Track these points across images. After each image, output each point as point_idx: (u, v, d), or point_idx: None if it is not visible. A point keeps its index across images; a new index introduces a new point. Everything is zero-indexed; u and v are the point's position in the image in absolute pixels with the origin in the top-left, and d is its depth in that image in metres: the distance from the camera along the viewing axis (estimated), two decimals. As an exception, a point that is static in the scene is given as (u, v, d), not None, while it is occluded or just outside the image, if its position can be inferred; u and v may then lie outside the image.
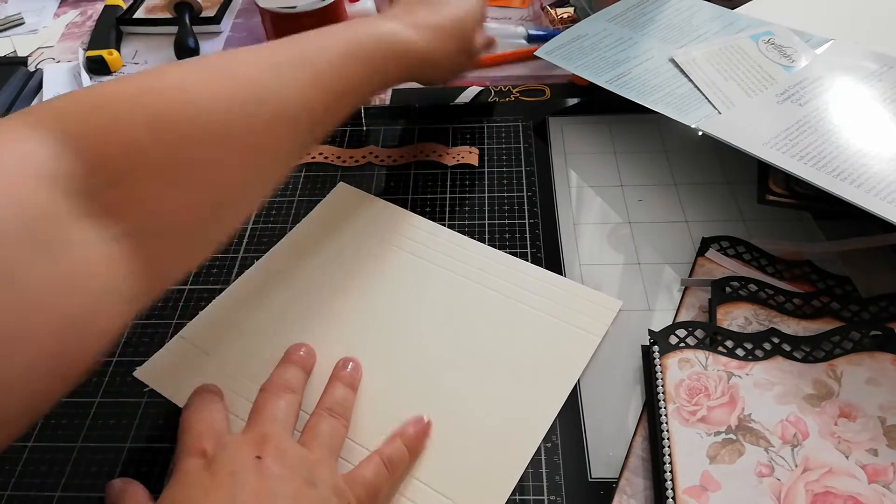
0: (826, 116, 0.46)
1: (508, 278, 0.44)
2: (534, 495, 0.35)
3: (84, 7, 0.80)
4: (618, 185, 0.52)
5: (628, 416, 0.38)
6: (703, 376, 0.37)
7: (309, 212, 0.51)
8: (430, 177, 0.53)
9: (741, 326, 0.40)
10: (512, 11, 0.74)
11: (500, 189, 0.52)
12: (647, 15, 0.60)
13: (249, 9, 0.78)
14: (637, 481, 0.35)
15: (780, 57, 0.52)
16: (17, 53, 0.73)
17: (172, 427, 0.39)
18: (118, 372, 0.42)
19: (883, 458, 0.34)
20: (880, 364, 0.37)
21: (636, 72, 0.54)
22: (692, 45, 0.55)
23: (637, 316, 0.43)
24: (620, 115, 0.57)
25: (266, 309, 0.44)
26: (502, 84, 0.63)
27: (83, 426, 0.39)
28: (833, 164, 0.42)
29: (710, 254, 0.46)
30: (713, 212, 0.49)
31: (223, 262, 0.48)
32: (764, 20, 0.57)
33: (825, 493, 0.33)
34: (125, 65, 0.70)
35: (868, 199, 0.39)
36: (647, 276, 0.45)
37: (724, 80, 0.51)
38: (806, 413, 0.36)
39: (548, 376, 0.39)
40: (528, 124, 0.58)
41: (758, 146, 0.44)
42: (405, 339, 0.42)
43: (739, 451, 0.34)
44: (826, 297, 0.41)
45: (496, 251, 0.47)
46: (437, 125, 0.58)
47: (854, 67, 0.50)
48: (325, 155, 0.56)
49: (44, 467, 0.37)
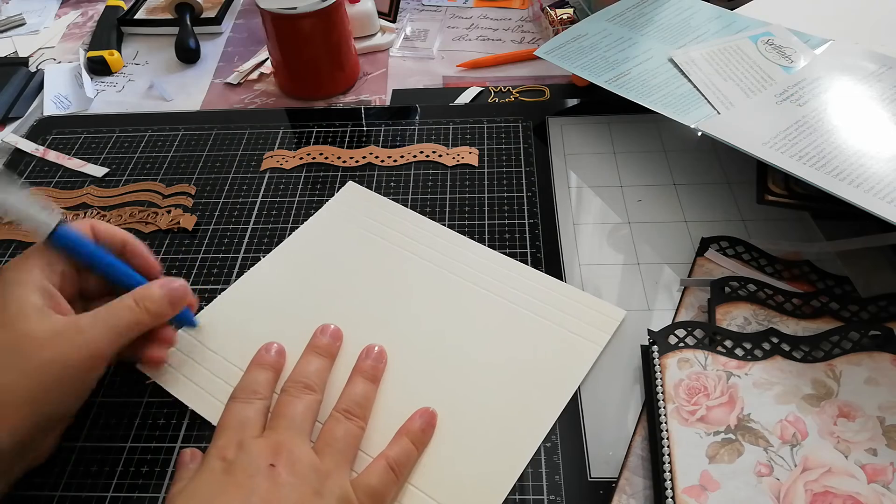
0: (825, 116, 0.46)
1: (513, 284, 0.44)
2: (533, 495, 0.35)
3: (85, 8, 0.81)
4: (617, 185, 0.52)
5: (628, 416, 0.38)
6: (703, 376, 0.38)
7: (310, 211, 0.51)
8: (430, 177, 0.53)
9: (740, 326, 0.41)
10: (512, 12, 0.74)
11: (499, 189, 0.52)
12: (647, 15, 0.60)
13: (250, 9, 0.78)
14: (636, 481, 0.35)
15: (780, 57, 0.53)
16: (18, 54, 0.73)
17: (172, 427, 0.39)
18: (118, 372, 0.42)
19: (882, 458, 0.34)
20: (879, 364, 0.37)
21: (635, 72, 0.54)
22: (691, 46, 0.55)
23: (636, 316, 0.43)
24: (620, 116, 0.58)
25: (269, 306, 0.44)
26: (502, 84, 0.63)
27: (83, 426, 0.39)
28: (832, 164, 0.42)
29: (709, 254, 0.46)
30: (712, 212, 0.49)
31: (223, 262, 0.48)
32: (763, 20, 0.57)
33: (824, 493, 0.33)
34: (126, 65, 0.70)
35: (867, 199, 0.39)
36: (646, 276, 0.45)
37: (723, 80, 0.51)
38: (805, 413, 0.36)
39: (548, 384, 0.39)
40: (528, 124, 0.58)
41: (757, 146, 0.44)
42: (406, 341, 0.42)
43: (739, 450, 0.34)
44: (825, 296, 0.41)
45: (500, 255, 0.46)
46: (437, 125, 0.58)
47: (853, 67, 0.50)
48: (325, 155, 0.56)
49: (44, 467, 0.37)
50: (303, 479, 0.32)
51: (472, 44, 0.70)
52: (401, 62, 0.68)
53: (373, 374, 0.39)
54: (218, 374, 0.40)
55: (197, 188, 0.54)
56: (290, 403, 0.36)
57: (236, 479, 0.31)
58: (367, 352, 0.40)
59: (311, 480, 0.32)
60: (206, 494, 0.31)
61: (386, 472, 0.34)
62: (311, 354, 0.40)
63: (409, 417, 0.37)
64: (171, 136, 0.59)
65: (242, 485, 0.31)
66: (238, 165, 0.56)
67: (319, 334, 0.41)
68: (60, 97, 0.65)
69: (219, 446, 0.33)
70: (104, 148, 0.58)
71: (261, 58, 0.69)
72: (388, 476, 0.34)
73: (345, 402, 0.37)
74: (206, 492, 0.31)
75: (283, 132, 0.59)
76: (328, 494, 0.32)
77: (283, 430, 0.34)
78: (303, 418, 0.36)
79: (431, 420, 0.37)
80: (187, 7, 0.72)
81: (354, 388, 0.38)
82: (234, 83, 0.66)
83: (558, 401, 0.39)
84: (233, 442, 0.33)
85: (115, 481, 0.37)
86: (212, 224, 0.51)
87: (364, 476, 0.34)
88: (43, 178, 0.56)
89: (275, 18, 0.58)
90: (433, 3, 0.76)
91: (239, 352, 0.41)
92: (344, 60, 0.63)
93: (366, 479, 0.34)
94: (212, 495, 0.31)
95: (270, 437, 0.34)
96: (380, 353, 0.40)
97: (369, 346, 0.41)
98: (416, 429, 0.37)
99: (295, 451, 0.33)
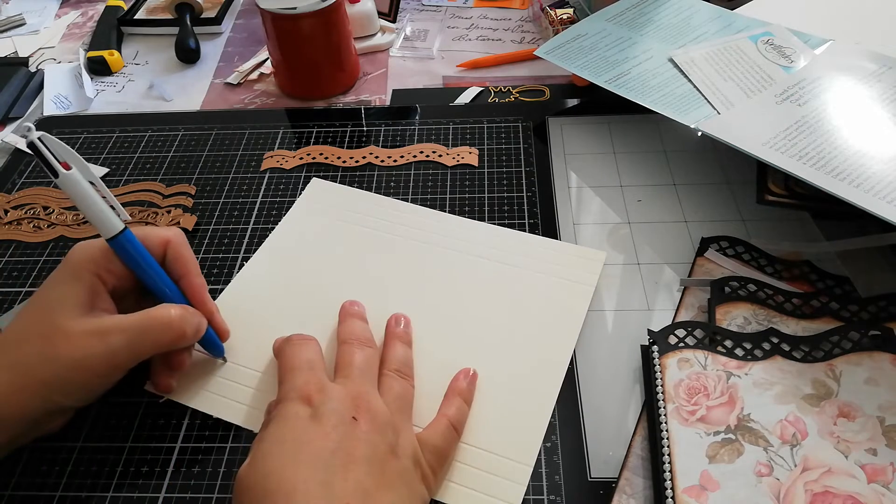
0: (825, 117, 0.46)
1: (496, 245, 0.47)
2: (533, 495, 0.35)
3: (85, 8, 0.81)
4: (617, 185, 0.52)
5: (628, 416, 0.38)
6: (703, 376, 0.38)
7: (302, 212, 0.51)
8: (430, 177, 0.53)
9: (740, 326, 0.41)
10: (512, 12, 0.74)
11: (500, 189, 0.52)
12: (647, 15, 0.60)
13: (250, 9, 0.78)
14: (636, 481, 0.35)
15: (779, 57, 0.53)
16: (18, 54, 0.73)
17: (172, 427, 0.39)
18: (118, 372, 0.42)
19: (882, 458, 0.34)
20: (879, 364, 0.37)
21: (635, 72, 0.54)
22: (691, 46, 0.55)
23: (636, 316, 0.43)
24: (620, 116, 0.58)
25: (262, 311, 0.44)
26: (502, 84, 0.63)
27: (83, 426, 0.39)
28: (832, 164, 0.42)
29: (709, 254, 0.46)
30: (712, 212, 0.49)
31: (224, 262, 0.48)
32: (763, 20, 0.57)
33: (824, 493, 0.33)
34: (126, 65, 0.70)
35: (867, 199, 0.39)
36: (646, 276, 0.45)
37: (723, 80, 0.51)
38: (805, 413, 0.36)
39: (554, 327, 0.42)
40: (528, 124, 0.58)
41: (757, 146, 0.44)
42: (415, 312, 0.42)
43: (738, 450, 0.34)
44: (825, 296, 0.41)
45: (476, 222, 0.49)
46: (437, 125, 0.58)
47: (853, 68, 0.50)
48: (325, 155, 0.56)
49: (44, 467, 0.37)
50: (381, 435, 0.32)
51: (472, 44, 0.70)
52: (401, 62, 0.68)
53: (407, 338, 0.41)
54: (232, 379, 0.40)
55: (197, 188, 0.54)
56: (355, 353, 0.37)
57: (323, 429, 0.31)
58: (396, 319, 0.41)
59: (388, 436, 0.32)
60: (293, 441, 0.31)
61: (448, 429, 0.35)
62: (349, 318, 0.41)
63: (453, 377, 0.39)
64: (171, 137, 0.59)
65: (328, 435, 0.31)
66: (238, 165, 0.56)
67: (348, 305, 0.42)
68: (60, 97, 0.65)
69: (297, 386, 0.34)
70: (104, 148, 0.58)
71: (261, 58, 0.69)
72: (451, 434, 0.35)
73: (394, 363, 0.38)
74: (294, 438, 0.31)
75: (283, 132, 0.59)
76: (402, 454, 0.32)
77: (358, 379, 0.35)
78: (370, 368, 0.36)
79: (474, 378, 0.39)
80: (187, 7, 0.72)
81: (396, 351, 0.39)
82: (234, 83, 0.66)
83: (568, 341, 0.41)
84: (312, 382, 0.34)
85: (115, 481, 0.37)
86: (212, 224, 0.51)
87: (428, 434, 0.35)
88: (43, 178, 0.56)
89: (275, 18, 0.58)
90: (433, 3, 0.76)
91: (245, 354, 0.41)
92: (344, 60, 0.63)
93: (430, 438, 0.35)
94: (299, 443, 0.31)
95: (348, 385, 0.34)
96: (406, 319, 0.42)
97: (396, 315, 0.42)
98: (464, 387, 0.38)
99: (373, 403, 0.33)
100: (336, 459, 0.30)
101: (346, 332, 0.39)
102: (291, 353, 0.36)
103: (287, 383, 0.34)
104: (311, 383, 0.34)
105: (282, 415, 0.32)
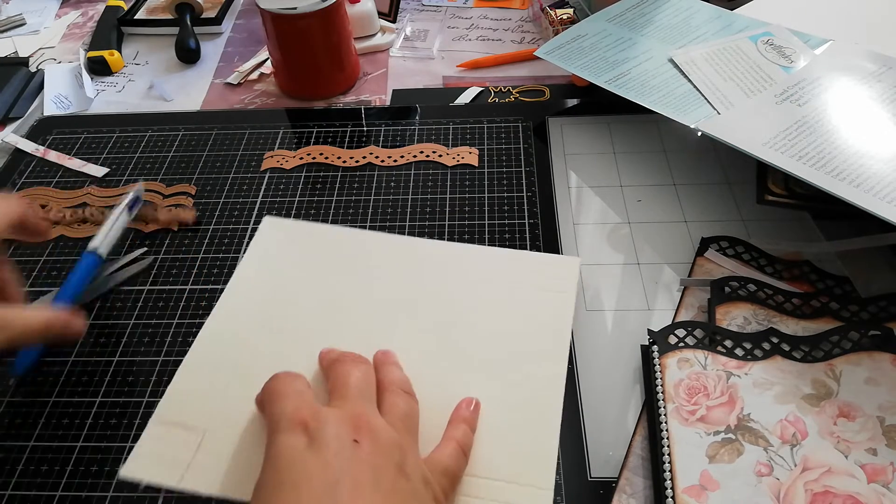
0: (825, 117, 0.46)
1: (468, 266, 0.45)
2: (533, 495, 0.35)
3: (85, 8, 0.81)
4: (617, 185, 0.52)
5: (628, 416, 0.38)
6: (703, 376, 0.38)
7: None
8: (430, 177, 0.54)
9: (740, 326, 0.41)
10: (512, 12, 0.74)
11: (499, 189, 0.52)
12: (647, 15, 0.60)
13: (250, 10, 0.78)
14: (636, 480, 0.35)
15: (779, 57, 0.53)
16: (18, 54, 0.73)
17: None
18: (118, 371, 0.42)
19: (882, 458, 0.34)
20: (879, 364, 0.37)
21: (635, 72, 0.54)
22: (691, 46, 0.55)
23: (636, 316, 0.43)
24: (620, 116, 0.58)
25: (234, 367, 0.39)
26: (502, 84, 0.63)
27: (83, 426, 0.39)
28: (832, 164, 0.42)
29: (709, 254, 0.46)
30: (712, 212, 0.49)
31: (224, 261, 0.48)
32: (763, 21, 0.57)
33: (824, 493, 0.33)
34: (126, 65, 0.70)
35: (867, 199, 0.39)
36: (646, 276, 0.45)
37: (723, 80, 0.51)
38: (805, 412, 0.36)
39: (543, 338, 0.40)
40: (528, 125, 0.58)
41: (757, 146, 0.44)
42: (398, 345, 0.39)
43: (738, 450, 0.34)
44: (825, 296, 0.41)
45: (445, 242, 0.47)
46: (437, 125, 0.58)
47: (853, 68, 0.50)
48: (325, 155, 0.56)
49: (44, 467, 0.37)
50: (387, 457, 0.30)
51: (472, 44, 0.70)
52: (401, 62, 0.68)
53: (398, 364, 0.38)
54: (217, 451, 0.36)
55: (197, 188, 0.54)
56: (349, 372, 0.34)
57: (324, 459, 0.29)
58: (382, 353, 0.39)
59: (394, 456, 0.30)
60: (292, 484, 0.28)
61: (457, 452, 0.34)
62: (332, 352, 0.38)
63: (455, 407, 0.37)
64: (171, 136, 0.59)
65: (329, 465, 0.29)
66: (238, 165, 0.56)
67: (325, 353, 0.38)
68: (60, 97, 0.65)
69: (288, 413, 0.31)
70: (104, 148, 0.58)
71: (261, 58, 0.69)
72: (461, 456, 0.34)
73: (395, 381, 0.36)
74: (292, 480, 0.28)
75: (283, 132, 0.59)
76: (411, 474, 0.30)
77: (356, 399, 0.33)
78: (368, 386, 0.34)
79: (477, 407, 0.37)
80: (187, 7, 0.72)
81: (393, 371, 0.37)
82: (234, 83, 0.66)
83: (560, 353, 0.40)
84: (303, 408, 0.31)
85: (114, 481, 0.37)
86: (212, 224, 0.51)
87: (437, 456, 0.33)
88: (43, 178, 0.56)
89: (275, 18, 0.58)
90: (433, 3, 0.76)
91: (225, 419, 0.37)
92: (344, 60, 0.63)
93: (440, 459, 0.33)
94: (298, 484, 0.28)
95: (345, 406, 0.32)
96: (391, 353, 0.39)
97: (380, 350, 0.39)
98: (468, 415, 0.36)
99: (374, 423, 0.31)
100: (342, 490, 0.28)
101: (335, 353, 0.37)
102: (277, 382, 0.33)
103: (276, 411, 0.31)
104: (302, 409, 0.31)
105: (275, 452, 0.30)
